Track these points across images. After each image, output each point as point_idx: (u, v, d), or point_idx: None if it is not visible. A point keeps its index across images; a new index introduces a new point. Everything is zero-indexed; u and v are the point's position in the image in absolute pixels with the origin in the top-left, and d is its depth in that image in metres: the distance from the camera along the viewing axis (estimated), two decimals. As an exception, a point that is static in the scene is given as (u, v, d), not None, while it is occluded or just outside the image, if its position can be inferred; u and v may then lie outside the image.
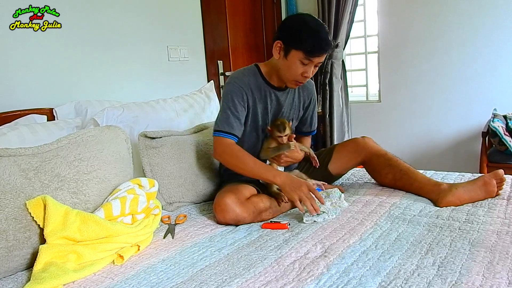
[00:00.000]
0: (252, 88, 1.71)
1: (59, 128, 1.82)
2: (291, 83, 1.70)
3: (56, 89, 2.14)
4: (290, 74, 1.65)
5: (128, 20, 2.49)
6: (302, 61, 1.59)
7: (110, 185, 1.51)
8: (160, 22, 2.70)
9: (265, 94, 1.75)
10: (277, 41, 1.64)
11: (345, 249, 1.24)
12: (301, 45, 1.57)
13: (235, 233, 1.46)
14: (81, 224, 1.28)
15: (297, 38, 1.58)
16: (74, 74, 2.22)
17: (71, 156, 1.45)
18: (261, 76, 1.75)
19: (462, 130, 3.27)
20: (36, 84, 2.06)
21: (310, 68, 1.62)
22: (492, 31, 3.04)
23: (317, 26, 1.60)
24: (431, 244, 1.23)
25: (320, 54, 1.59)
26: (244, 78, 1.72)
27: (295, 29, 1.61)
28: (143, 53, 2.59)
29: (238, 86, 1.69)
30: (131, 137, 1.90)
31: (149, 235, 1.43)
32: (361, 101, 3.81)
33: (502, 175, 1.60)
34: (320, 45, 1.58)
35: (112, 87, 2.41)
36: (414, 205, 1.58)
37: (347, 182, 2.02)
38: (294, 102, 1.84)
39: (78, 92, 2.22)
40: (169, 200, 1.82)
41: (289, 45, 1.60)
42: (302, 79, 1.66)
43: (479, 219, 1.38)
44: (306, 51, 1.57)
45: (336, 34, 3.49)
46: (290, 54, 1.61)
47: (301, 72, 1.63)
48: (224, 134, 1.67)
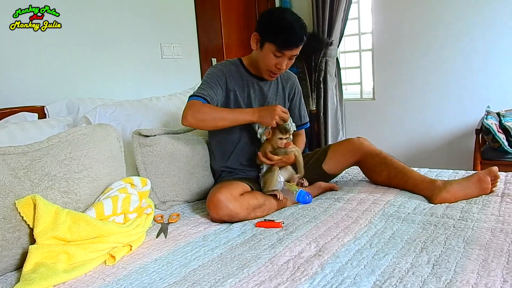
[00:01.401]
0: (233, 75, 1.79)
1: (50, 126, 1.80)
2: (266, 73, 1.77)
3: (48, 87, 2.12)
4: (264, 65, 1.73)
5: (121, 17, 2.46)
6: (274, 53, 1.67)
7: (101, 184, 1.49)
8: (153, 19, 2.67)
9: (247, 83, 1.81)
10: (255, 32, 1.71)
11: (339, 248, 1.23)
12: (274, 38, 1.65)
13: (228, 232, 1.45)
14: (72, 224, 1.26)
15: (270, 31, 1.66)
16: (66, 72, 2.20)
17: (62, 154, 1.43)
18: (243, 67, 1.82)
19: (456, 127, 3.28)
20: (28, 82, 2.04)
21: (284, 60, 1.69)
22: (485, 28, 3.05)
23: (291, 20, 1.65)
24: (425, 242, 1.22)
25: (291, 48, 1.66)
26: (225, 67, 1.81)
27: (270, 22, 1.68)
28: (136, 50, 2.57)
29: (219, 69, 1.78)
30: (123, 135, 1.89)
31: (141, 235, 1.41)
32: (356, 99, 3.81)
33: (496, 172, 1.61)
34: (291, 39, 1.65)
35: (105, 85, 2.39)
36: (408, 203, 1.57)
37: (342, 180, 2.01)
38: (278, 92, 1.89)
39: (70, 90, 2.20)
40: (162, 199, 1.80)
41: (264, 37, 1.68)
42: (275, 70, 1.73)
43: (473, 216, 1.38)
44: (278, 44, 1.64)
45: (330, 31, 3.48)
46: (264, 46, 1.68)
47: (274, 63, 1.70)
48: (195, 97, 1.67)
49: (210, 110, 1.65)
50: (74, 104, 2.05)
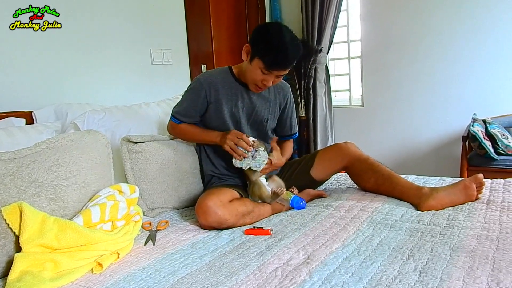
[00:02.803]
0: (219, 85, 1.78)
1: (37, 132, 1.78)
2: (252, 86, 1.76)
3: (36, 92, 2.10)
4: (251, 78, 1.72)
5: (111, 22, 2.46)
6: (262, 70, 1.65)
7: (89, 191, 1.48)
8: (143, 25, 2.67)
9: (235, 92, 1.80)
10: (247, 44, 1.69)
11: (327, 256, 1.23)
12: (263, 55, 1.62)
13: (217, 239, 1.45)
14: (59, 231, 1.25)
15: (262, 47, 1.63)
16: (55, 77, 2.18)
17: (50, 161, 1.42)
18: (232, 76, 1.81)
19: (443, 134, 3.32)
20: (15, 86, 2.02)
21: (270, 78, 1.68)
22: (471, 36, 3.10)
23: (285, 42, 1.61)
24: (412, 249, 1.23)
25: (278, 69, 1.65)
26: (211, 77, 1.81)
27: (263, 38, 1.64)
28: (126, 56, 2.56)
29: (199, 83, 1.78)
30: (112, 141, 1.88)
31: (129, 242, 1.40)
32: (345, 105, 3.84)
33: (481, 179, 1.63)
34: (280, 61, 1.63)
35: (94, 90, 2.37)
36: (396, 210, 1.58)
37: (330, 187, 2.02)
38: (269, 101, 1.87)
39: (58, 95, 2.18)
40: (151, 206, 1.79)
41: (254, 51, 1.66)
42: (261, 86, 1.72)
43: (459, 223, 1.40)
44: (266, 62, 1.62)
45: (320, 39, 3.51)
46: (253, 60, 1.66)
47: (261, 79, 1.69)
48: (173, 118, 1.85)
49: (182, 132, 1.86)
50: (62, 109, 2.04)
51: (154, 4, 2.75)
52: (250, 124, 1.85)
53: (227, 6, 3.29)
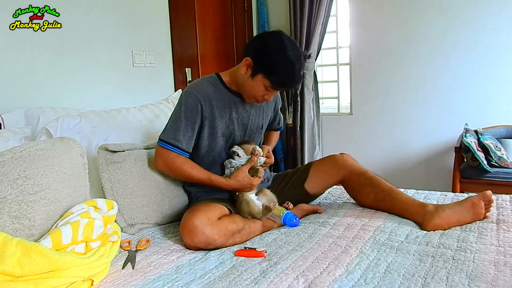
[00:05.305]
0: (212, 98, 1.62)
1: (4, 139, 1.61)
2: (250, 100, 1.64)
3: (4, 93, 1.92)
4: (251, 93, 1.59)
5: (88, 20, 2.28)
6: (266, 87, 1.53)
7: (60, 207, 1.31)
8: (124, 24, 2.50)
9: (228, 104, 1.65)
10: (248, 57, 1.53)
11: (331, 284, 1.10)
12: (272, 75, 1.50)
13: (205, 262, 1.30)
14: (22, 255, 1.08)
15: (269, 67, 1.50)
16: (25, 78, 2.01)
17: (15, 173, 1.26)
18: (223, 85, 1.66)
19: (434, 144, 3.25)
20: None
21: (273, 93, 1.60)
22: (462, 46, 3.04)
23: (293, 60, 1.50)
24: (425, 277, 1.11)
25: (288, 88, 1.55)
26: (203, 88, 1.62)
27: (271, 57, 1.50)
28: (105, 57, 2.39)
29: (194, 97, 1.59)
30: (88, 150, 1.72)
31: (105, 266, 1.24)
32: (333, 113, 3.74)
33: (490, 197, 1.53)
34: (287, 82, 1.55)
35: (69, 93, 2.20)
36: (399, 229, 1.46)
37: (325, 202, 1.89)
38: (262, 108, 1.76)
39: (29, 98, 2.01)
40: (130, 222, 1.64)
41: (259, 68, 1.52)
42: (261, 100, 1.62)
43: (472, 246, 1.28)
44: (274, 83, 1.52)
45: (308, 44, 3.41)
46: (257, 77, 1.53)
47: (262, 95, 1.58)
48: (169, 146, 1.59)
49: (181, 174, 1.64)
50: (33, 113, 1.87)
51: (136, 3, 2.59)
52: (246, 135, 1.73)
53: (213, 8, 3.17)
